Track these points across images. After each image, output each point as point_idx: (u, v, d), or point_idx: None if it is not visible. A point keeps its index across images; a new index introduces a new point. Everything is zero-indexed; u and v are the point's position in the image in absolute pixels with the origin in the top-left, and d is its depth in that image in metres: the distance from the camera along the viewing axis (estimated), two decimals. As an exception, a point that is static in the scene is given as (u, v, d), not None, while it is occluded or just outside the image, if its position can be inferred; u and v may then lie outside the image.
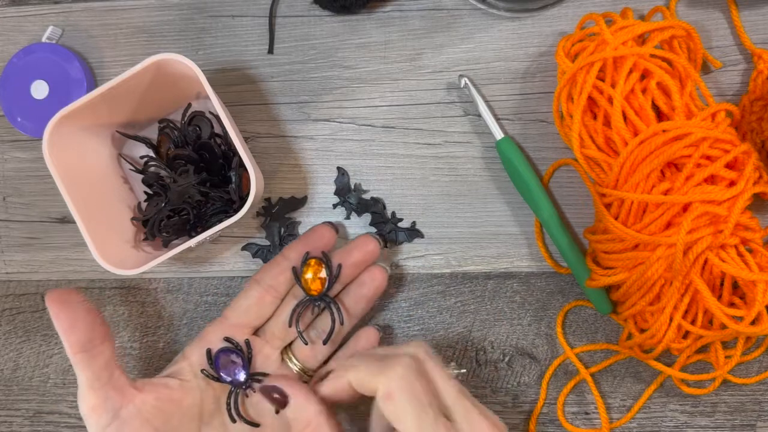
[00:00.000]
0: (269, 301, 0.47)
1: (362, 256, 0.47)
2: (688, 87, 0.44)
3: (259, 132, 0.52)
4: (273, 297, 0.47)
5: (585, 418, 0.50)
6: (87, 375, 0.43)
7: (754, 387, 0.49)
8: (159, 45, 0.53)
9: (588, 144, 0.45)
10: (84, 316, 0.43)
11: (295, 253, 0.47)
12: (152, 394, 0.45)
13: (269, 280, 0.47)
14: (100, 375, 0.43)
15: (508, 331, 0.50)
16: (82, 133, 0.48)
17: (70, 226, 0.54)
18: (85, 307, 0.43)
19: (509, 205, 0.51)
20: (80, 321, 0.43)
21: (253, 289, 0.47)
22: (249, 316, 0.47)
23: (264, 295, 0.47)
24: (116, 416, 0.43)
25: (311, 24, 0.52)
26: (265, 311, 0.47)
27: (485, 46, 0.51)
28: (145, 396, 0.44)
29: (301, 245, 0.48)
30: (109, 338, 0.44)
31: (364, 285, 0.47)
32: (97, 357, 0.43)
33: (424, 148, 0.51)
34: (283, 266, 0.47)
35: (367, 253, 0.48)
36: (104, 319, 0.44)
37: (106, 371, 0.43)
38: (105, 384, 0.43)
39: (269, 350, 0.48)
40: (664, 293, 0.44)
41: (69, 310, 0.43)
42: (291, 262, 0.47)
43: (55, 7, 0.54)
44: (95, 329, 0.43)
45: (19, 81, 0.52)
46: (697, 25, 0.48)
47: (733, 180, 0.43)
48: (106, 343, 0.44)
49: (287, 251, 0.48)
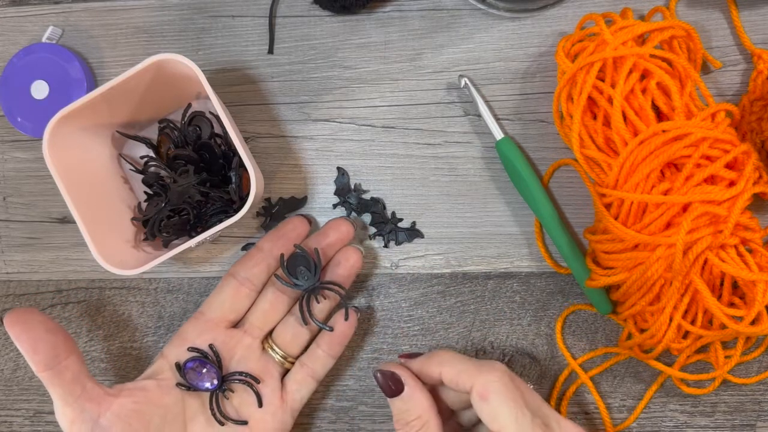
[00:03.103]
0: (245, 294, 0.48)
1: (337, 237, 0.48)
2: (688, 87, 0.44)
3: (259, 132, 0.52)
4: (249, 289, 0.48)
5: (585, 418, 0.50)
6: (59, 391, 0.43)
7: (754, 387, 0.49)
8: (159, 45, 0.53)
9: (588, 144, 0.45)
10: (44, 335, 0.43)
11: (269, 245, 0.48)
12: (129, 398, 0.45)
13: (244, 273, 0.47)
14: (72, 389, 0.43)
15: (508, 331, 0.50)
16: (82, 133, 0.48)
17: (70, 226, 0.54)
18: (46, 326, 0.43)
19: (509, 205, 0.51)
20: (42, 340, 0.43)
21: (228, 283, 0.48)
22: (225, 310, 0.47)
23: (239, 288, 0.47)
24: (96, 425, 0.44)
25: (311, 24, 0.52)
26: (241, 304, 0.48)
27: (485, 46, 0.51)
28: (122, 401, 0.45)
29: (275, 237, 0.48)
30: (74, 352, 0.44)
31: (340, 265, 0.48)
32: (64, 372, 0.43)
33: (424, 148, 0.51)
34: (257, 258, 0.48)
35: (342, 233, 0.48)
36: (67, 333, 0.45)
37: (77, 384, 0.44)
38: (79, 397, 0.44)
39: (249, 340, 0.48)
40: (664, 293, 0.44)
41: (30, 331, 0.43)
42: (265, 254, 0.48)
43: (55, 7, 0.54)
44: (58, 346, 0.43)
45: (19, 81, 0.52)
46: (697, 25, 0.48)
47: (732, 180, 0.43)
48: (71, 357, 0.44)
49: (261, 243, 0.48)
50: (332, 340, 0.48)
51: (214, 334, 0.47)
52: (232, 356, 0.47)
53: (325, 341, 0.48)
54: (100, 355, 0.53)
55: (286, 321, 0.48)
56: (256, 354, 0.48)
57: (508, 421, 0.38)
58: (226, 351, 0.47)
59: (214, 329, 0.47)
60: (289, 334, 0.48)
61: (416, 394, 0.42)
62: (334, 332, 0.48)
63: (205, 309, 0.48)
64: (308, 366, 0.48)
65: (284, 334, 0.48)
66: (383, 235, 0.51)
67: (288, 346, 0.48)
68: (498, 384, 0.39)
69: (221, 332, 0.47)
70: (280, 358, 0.48)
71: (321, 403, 0.52)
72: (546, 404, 0.41)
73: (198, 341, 0.47)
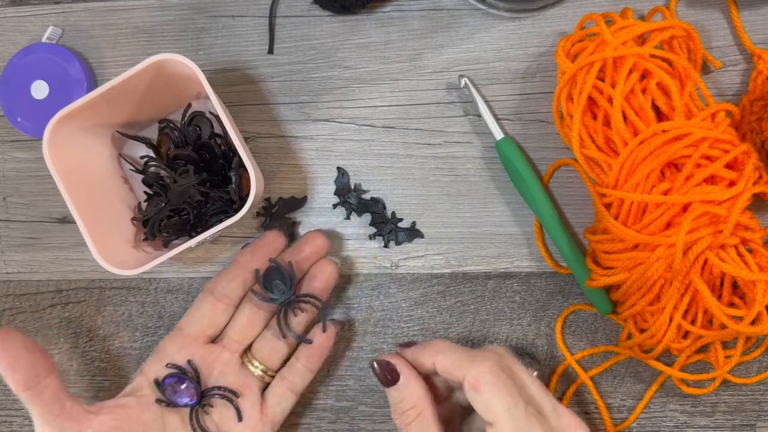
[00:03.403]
0: (222, 309, 0.48)
1: (312, 250, 0.49)
2: (688, 87, 0.44)
3: (259, 132, 0.52)
4: (226, 305, 0.48)
5: (585, 418, 0.50)
6: (38, 410, 0.43)
7: (754, 387, 0.49)
8: (159, 45, 0.53)
9: (588, 144, 0.45)
10: (24, 354, 0.43)
11: (245, 259, 0.48)
12: (109, 416, 0.45)
13: (221, 288, 0.47)
14: (51, 408, 0.44)
15: (508, 331, 0.50)
16: (82, 133, 0.48)
17: (70, 226, 0.54)
18: (24, 345, 0.43)
19: (509, 205, 0.51)
20: (21, 360, 0.43)
21: (206, 299, 0.48)
22: (203, 326, 0.47)
23: (216, 303, 0.47)
24: None
25: (311, 24, 0.52)
26: (219, 320, 0.48)
27: (485, 46, 0.51)
28: (102, 418, 0.45)
29: (251, 251, 0.48)
30: (53, 371, 0.44)
31: (315, 278, 0.48)
32: (43, 392, 0.43)
33: (424, 148, 0.51)
34: (234, 273, 0.48)
35: (317, 247, 0.49)
36: (45, 352, 0.45)
37: (56, 403, 0.44)
38: (58, 416, 0.44)
39: (228, 355, 0.48)
40: (664, 293, 0.44)
41: (8, 350, 0.43)
42: (241, 269, 0.48)
43: (55, 7, 0.54)
44: (37, 365, 0.43)
45: (19, 81, 0.52)
46: (697, 25, 0.48)
47: (732, 180, 0.43)
48: (51, 376, 0.44)
49: (238, 257, 0.48)
50: (311, 353, 0.48)
51: (192, 349, 0.47)
52: (211, 371, 0.47)
53: (304, 354, 0.48)
54: (100, 355, 0.53)
55: (264, 335, 0.48)
56: (235, 369, 0.48)
57: (500, 411, 0.39)
58: (205, 366, 0.47)
59: (193, 345, 0.47)
60: (268, 348, 0.48)
61: (411, 384, 0.42)
62: (312, 345, 0.48)
63: (183, 325, 0.48)
64: (288, 379, 0.48)
65: (263, 348, 0.48)
66: (383, 235, 0.51)
67: (267, 360, 0.48)
68: (489, 375, 0.39)
69: (200, 348, 0.47)
70: (260, 372, 0.48)
71: (321, 403, 0.52)
72: (545, 391, 0.40)
73: (177, 357, 0.47)
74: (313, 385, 0.51)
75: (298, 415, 0.52)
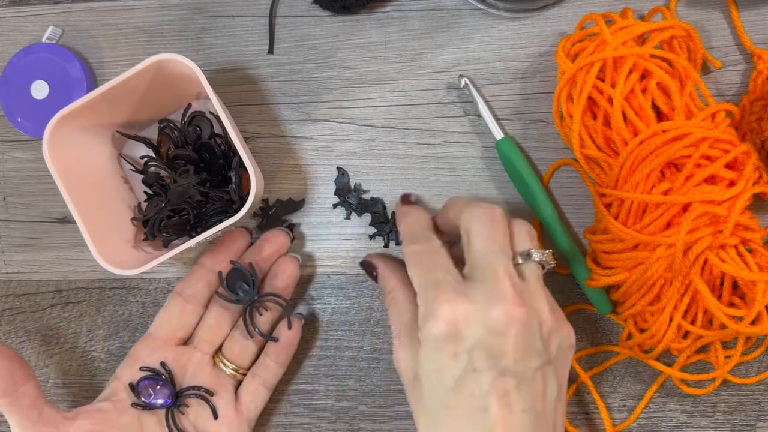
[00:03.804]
0: (191, 311, 0.48)
1: (272, 249, 0.49)
2: (688, 87, 0.44)
3: (259, 132, 0.52)
4: (194, 306, 0.48)
5: (585, 418, 0.50)
6: (16, 417, 0.44)
7: (754, 387, 0.49)
8: (159, 45, 0.53)
9: (588, 144, 0.45)
10: (1, 362, 0.44)
11: (211, 260, 0.48)
12: (87, 421, 0.45)
13: (189, 290, 0.48)
14: (29, 415, 0.44)
15: (508, 331, 0.50)
16: (82, 133, 0.48)
17: (70, 226, 0.54)
18: (2, 353, 0.44)
19: (509, 205, 0.51)
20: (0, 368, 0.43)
21: (175, 301, 0.48)
22: (173, 328, 0.48)
23: (185, 305, 0.48)
24: None
25: (311, 24, 0.52)
26: (188, 321, 0.48)
27: (485, 46, 0.51)
28: (79, 423, 0.45)
29: (215, 252, 0.49)
30: (31, 378, 0.45)
31: (277, 276, 0.49)
32: (21, 399, 0.44)
33: (424, 148, 0.51)
34: (200, 274, 0.48)
35: (277, 245, 0.49)
36: (23, 359, 0.45)
37: (34, 410, 0.44)
38: (36, 422, 0.44)
39: (200, 356, 0.48)
40: (664, 293, 0.44)
41: None
42: (207, 270, 0.48)
43: (55, 7, 0.54)
44: (15, 372, 0.44)
45: (19, 81, 0.52)
46: (697, 25, 0.48)
47: (732, 180, 0.43)
48: (29, 383, 0.44)
49: (203, 259, 0.49)
50: (279, 350, 0.49)
51: (164, 352, 0.48)
52: (185, 372, 0.48)
53: (273, 351, 0.49)
54: (100, 355, 0.53)
55: (233, 335, 0.49)
56: (207, 369, 0.48)
57: (480, 253, 0.40)
58: (178, 368, 0.48)
59: (165, 347, 0.48)
60: (237, 347, 0.48)
61: (385, 272, 0.45)
62: (279, 341, 0.48)
63: (154, 329, 0.48)
64: (260, 376, 0.48)
65: (232, 348, 0.48)
66: (383, 235, 0.51)
67: (237, 359, 0.48)
68: (476, 222, 0.41)
69: (172, 350, 0.48)
70: (232, 371, 0.48)
71: (321, 403, 0.52)
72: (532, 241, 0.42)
73: (149, 360, 0.48)
74: (313, 385, 0.51)
75: (298, 415, 0.52)
